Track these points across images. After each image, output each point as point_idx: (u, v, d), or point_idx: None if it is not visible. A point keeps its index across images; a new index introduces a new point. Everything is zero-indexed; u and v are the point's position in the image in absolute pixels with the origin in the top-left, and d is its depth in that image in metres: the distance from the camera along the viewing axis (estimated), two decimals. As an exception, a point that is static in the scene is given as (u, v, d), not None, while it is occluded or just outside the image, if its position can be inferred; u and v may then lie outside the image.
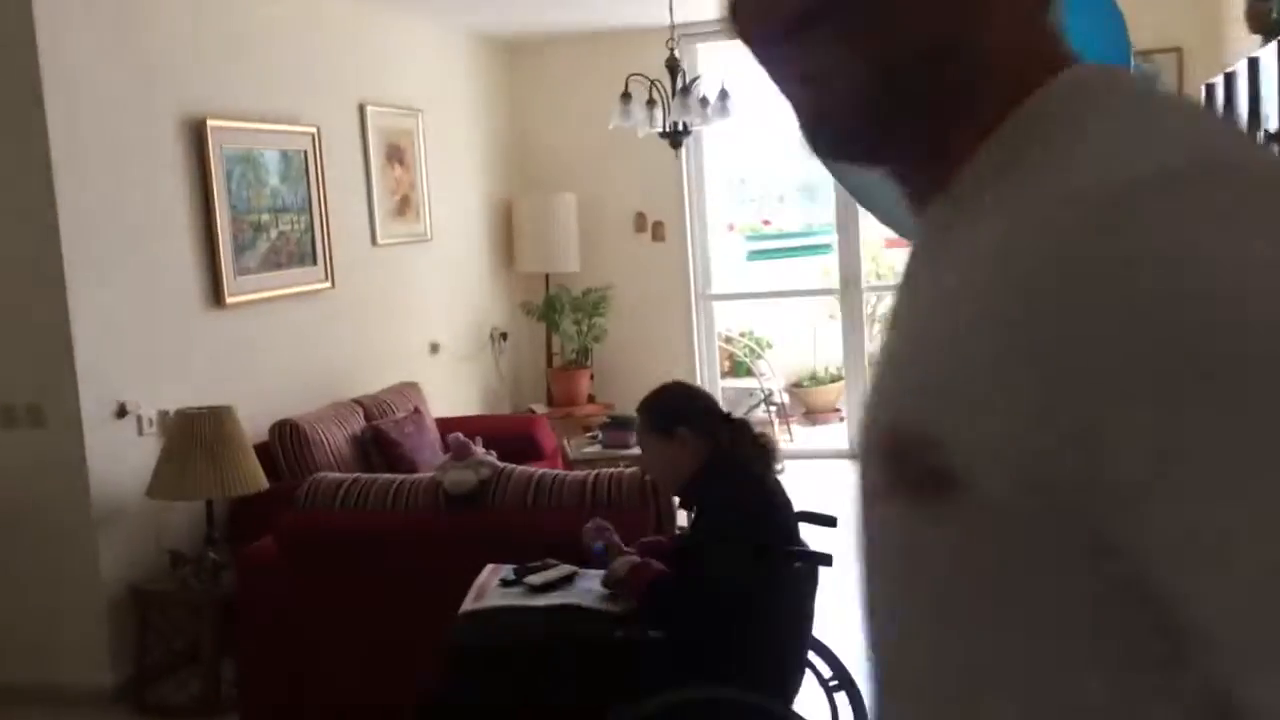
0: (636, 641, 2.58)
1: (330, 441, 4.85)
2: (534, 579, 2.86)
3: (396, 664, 3.48)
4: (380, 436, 5.03)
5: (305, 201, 5.39)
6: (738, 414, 8.35)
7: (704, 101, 5.45)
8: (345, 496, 3.74)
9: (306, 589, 3.65)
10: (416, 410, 5.46)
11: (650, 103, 5.49)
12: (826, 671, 3.02)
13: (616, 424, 5.74)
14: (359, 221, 5.92)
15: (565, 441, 5.98)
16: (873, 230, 7.37)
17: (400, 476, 3.88)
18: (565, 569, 2.93)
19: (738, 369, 8.73)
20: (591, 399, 7.44)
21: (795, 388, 8.84)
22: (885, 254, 8.96)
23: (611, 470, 3.68)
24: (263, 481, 4.29)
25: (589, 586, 2.83)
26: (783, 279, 9.17)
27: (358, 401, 5.30)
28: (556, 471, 3.73)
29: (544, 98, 7.68)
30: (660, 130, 5.53)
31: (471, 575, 3.10)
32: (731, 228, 9.47)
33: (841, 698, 3.01)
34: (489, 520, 3.58)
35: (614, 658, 2.60)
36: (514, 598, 2.78)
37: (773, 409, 8.32)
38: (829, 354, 9.10)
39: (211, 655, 4.09)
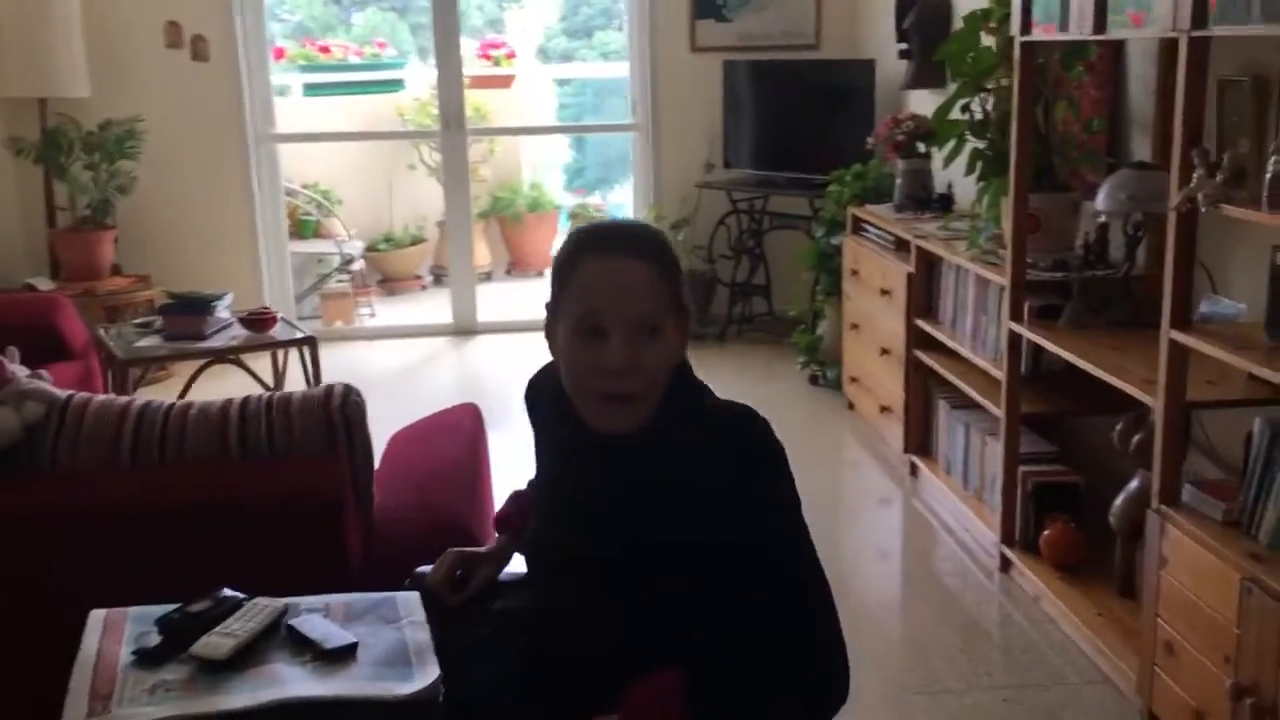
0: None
1: None
2: (211, 644, 1.45)
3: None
4: None
5: None
6: (307, 284, 6.81)
7: None
8: None
9: None
10: None
11: None
12: None
13: (182, 305, 4.12)
14: None
15: (102, 332, 4.25)
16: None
17: None
18: (264, 608, 1.55)
19: (302, 229, 7.14)
20: (118, 270, 5.60)
21: (370, 252, 7.43)
22: (469, 95, 7.68)
23: (270, 394, 2.24)
24: None
25: (324, 637, 1.49)
26: (347, 119, 7.60)
27: None
28: (162, 401, 2.22)
29: None
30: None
31: (40, 623, 1.63)
32: (280, 54, 7.68)
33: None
34: (51, 499, 2.05)
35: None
36: (179, 696, 1.37)
37: (348, 277, 6.90)
38: (406, 211, 7.76)
39: None
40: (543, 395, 1.70)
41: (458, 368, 5.80)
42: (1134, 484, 2.96)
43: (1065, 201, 3.43)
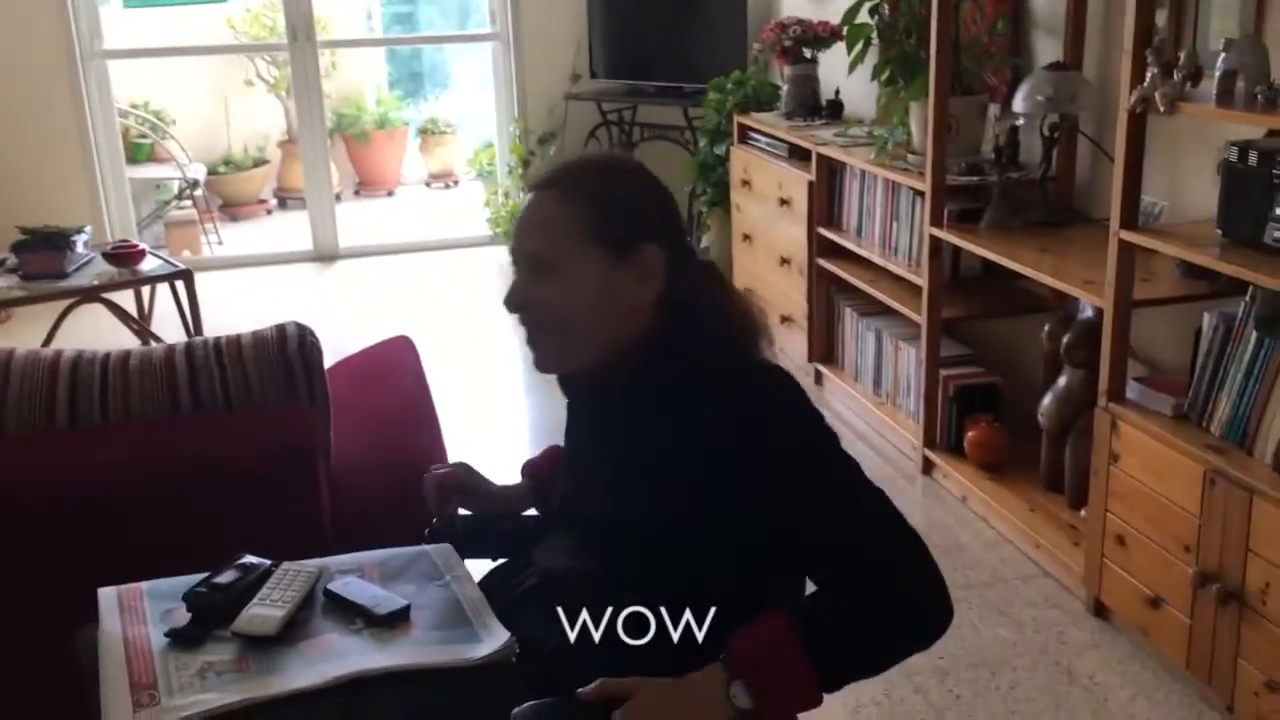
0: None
1: None
2: (255, 618, 1.30)
3: None
4: None
5: None
6: (147, 212, 6.36)
7: None
8: None
9: None
10: None
11: None
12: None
13: (40, 242, 3.76)
14: None
15: (-56, 274, 3.85)
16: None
17: None
18: (297, 574, 1.40)
19: (136, 153, 6.63)
20: (-62, 205, 5.09)
21: (209, 175, 6.97)
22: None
23: (216, 339, 2.04)
24: None
25: (372, 601, 1.36)
26: (173, 32, 7.04)
27: None
28: (95, 352, 1.99)
29: None
30: None
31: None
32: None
33: None
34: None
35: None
36: (236, 678, 1.23)
37: (189, 203, 6.46)
38: (244, 130, 7.30)
39: None
40: None
41: (331, 296, 5.50)
42: (1062, 382, 3.03)
43: (974, 105, 3.44)
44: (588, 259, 1.37)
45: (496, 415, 4.05)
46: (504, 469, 3.10)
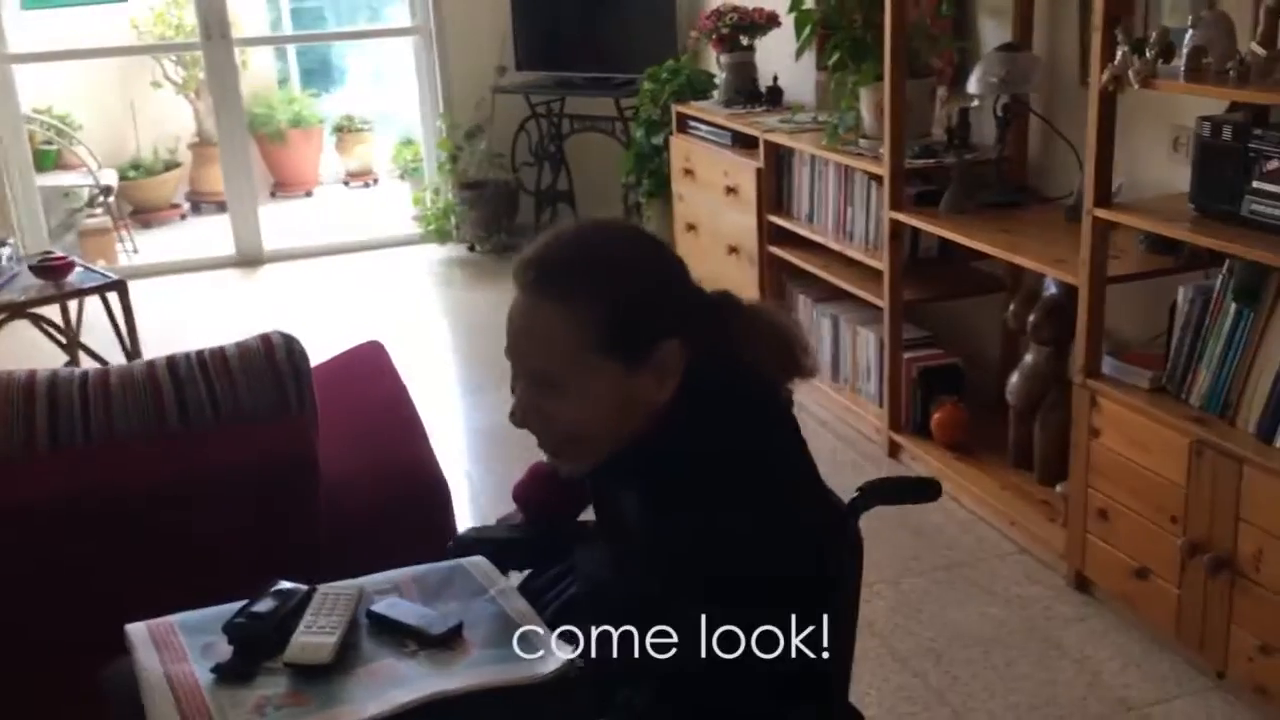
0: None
1: None
2: (307, 647, 1.22)
3: None
4: None
5: None
6: (75, 221, 6.07)
7: None
8: None
9: None
10: None
11: None
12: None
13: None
14: None
15: None
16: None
17: None
18: (337, 597, 1.33)
19: (42, 160, 6.35)
20: None
21: (119, 181, 6.71)
22: None
23: (201, 351, 1.94)
24: None
25: (422, 622, 1.29)
26: (72, 35, 6.75)
27: None
28: (72, 370, 1.88)
29: None
30: None
31: None
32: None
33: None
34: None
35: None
36: (296, 712, 1.15)
37: (101, 210, 6.22)
38: (153, 133, 7.05)
39: None
40: None
41: (263, 301, 5.32)
42: (1028, 360, 3.06)
43: (925, 88, 3.46)
44: (600, 373, 1.25)
45: (439, 417, 3.96)
46: (451, 471, 2.99)
